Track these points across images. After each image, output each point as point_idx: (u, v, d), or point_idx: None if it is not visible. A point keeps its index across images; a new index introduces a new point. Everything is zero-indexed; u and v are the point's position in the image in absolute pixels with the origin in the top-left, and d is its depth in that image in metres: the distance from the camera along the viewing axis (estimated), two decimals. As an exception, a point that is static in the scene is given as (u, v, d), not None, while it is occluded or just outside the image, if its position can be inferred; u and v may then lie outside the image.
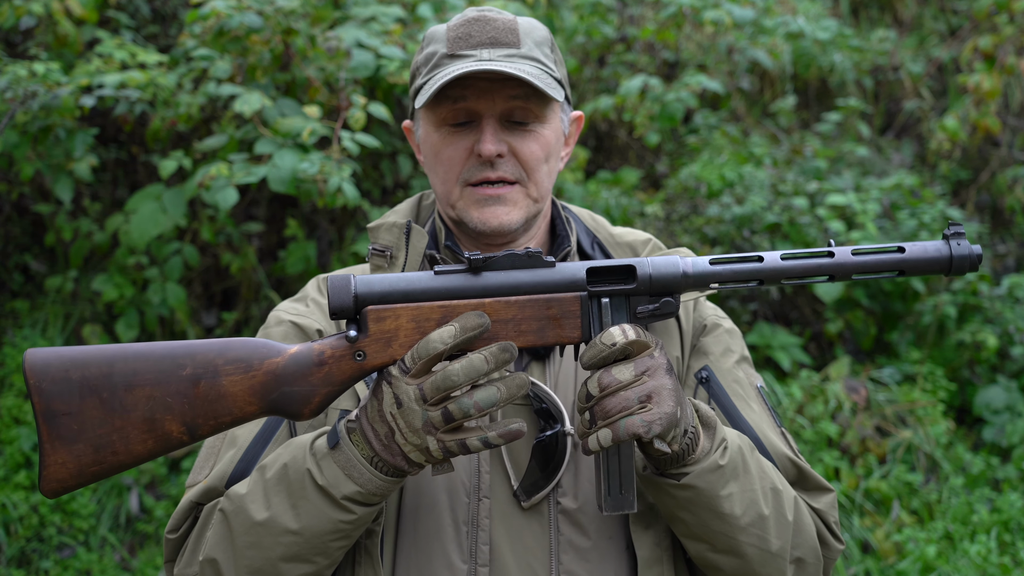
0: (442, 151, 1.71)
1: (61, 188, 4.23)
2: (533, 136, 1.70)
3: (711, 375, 1.73)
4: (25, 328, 4.59)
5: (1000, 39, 5.42)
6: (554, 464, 1.63)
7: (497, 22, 1.70)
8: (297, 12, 4.07)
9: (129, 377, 1.48)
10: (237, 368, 1.49)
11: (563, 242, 1.79)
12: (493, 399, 1.42)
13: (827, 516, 1.68)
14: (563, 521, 1.64)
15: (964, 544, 4.25)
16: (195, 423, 1.48)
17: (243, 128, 4.14)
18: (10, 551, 4.16)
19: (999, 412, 4.81)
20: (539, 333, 1.49)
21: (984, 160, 6.09)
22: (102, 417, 1.47)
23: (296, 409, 1.50)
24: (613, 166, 5.83)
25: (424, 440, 1.44)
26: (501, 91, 1.66)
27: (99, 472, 1.48)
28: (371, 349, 1.48)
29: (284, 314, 1.76)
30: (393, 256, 1.72)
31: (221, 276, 4.82)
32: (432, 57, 1.71)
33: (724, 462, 1.53)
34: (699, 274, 1.51)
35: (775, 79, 6.26)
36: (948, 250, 1.53)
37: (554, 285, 1.50)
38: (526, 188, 1.71)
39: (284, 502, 1.51)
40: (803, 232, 4.92)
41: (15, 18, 4.27)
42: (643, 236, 1.84)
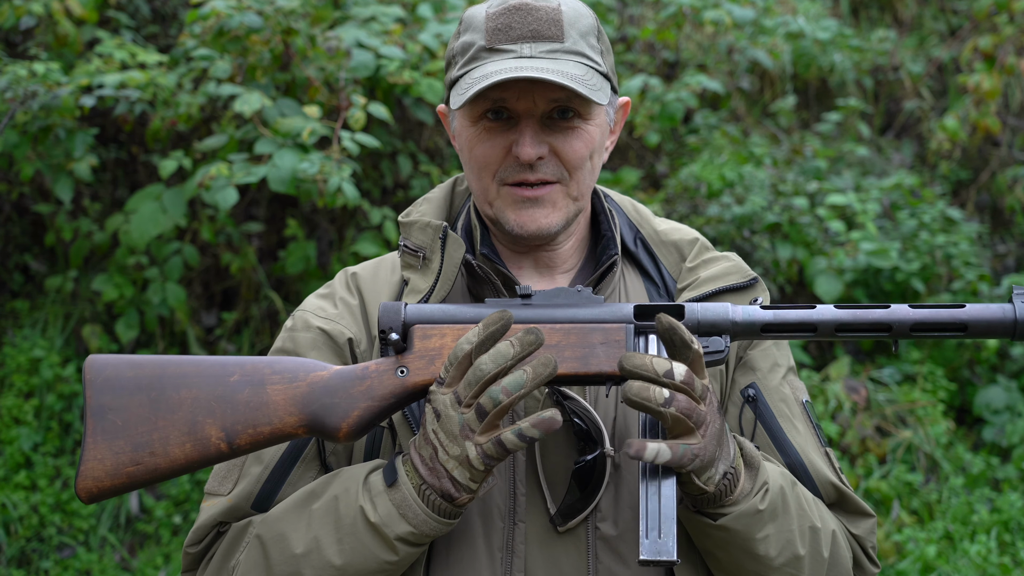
0: (477, 148, 1.60)
1: (61, 188, 4.23)
2: (576, 134, 1.59)
3: (759, 394, 1.66)
4: (25, 328, 4.59)
5: (1000, 39, 5.42)
6: (592, 486, 1.56)
7: (540, 11, 1.57)
8: (297, 12, 4.07)
9: (178, 379, 1.49)
10: (283, 378, 1.49)
11: (608, 246, 1.68)
12: (520, 381, 1.38)
13: (865, 542, 1.65)
14: (601, 547, 1.57)
15: (964, 544, 4.25)
16: (234, 429, 1.47)
17: (243, 128, 4.14)
18: (10, 551, 4.16)
19: (999, 412, 4.81)
20: (583, 360, 1.45)
21: (984, 160, 6.09)
22: (147, 415, 1.48)
23: (335, 423, 1.47)
24: (613, 166, 5.83)
25: (463, 448, 1.40)
26: (542, 92, 1.55)
27: (135, 474, 1.47)
28: (414, 365, 1.47)
29: (312, 317, 1.67)
30: (427, 259, 1.63)
31: (221, 276, 4.82)
32: (469, 48, 1.59)
33: (763, 506, 1.49)
34: (748, 322, 1.48)
35: (775, 79, 6.26)
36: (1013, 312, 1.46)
37: (601, 320, 1.47)
38: (567, 187, 1.60)
39: (330, 536, 1.47)
40: (803, 232, 4.93)
41: (15, 18, 4.27)
42: (690, 235, 1.75)
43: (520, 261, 1.69)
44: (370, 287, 1.69)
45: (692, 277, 1.68)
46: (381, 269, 1.72)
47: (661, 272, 1.71)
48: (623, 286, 1.70)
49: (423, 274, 1.62)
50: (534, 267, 1.69)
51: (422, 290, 1.61)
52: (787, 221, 4.94)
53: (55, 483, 4.33)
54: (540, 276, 1.69)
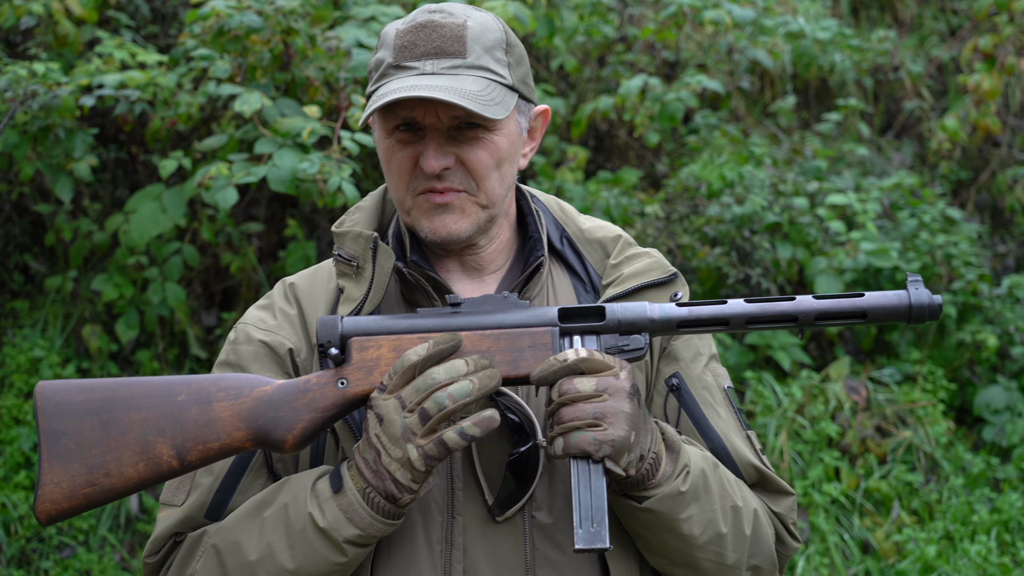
0: (391, 159, 1.67)
1: (61, 188, 4.23)
2: (482, 144, 1.64)
3: (682, 383, 1.74)
4: (25, 328, 4.59)
5: (1000, 39, 5.42)
6: (527, 477, 1.63)
7: (444, 28, 1.63)
8: (297, 12, 4.06)
9: (127, 401, 1.56)
10: (228, 395, 1.57)
11: (536, 247, 1.75)
12: (466, 390, 1.47)
13: (786, 518, 1.73)
14: (538, 535, 1.64)
15: (964, 544, 4.25)
16: (184, 447, 1.55)
17: (243, 128, 4.14)
18: (10, 551, 4.16)
19: (999, 412, 4.81)
20: (512, 364, 1.54)
21: (984, 160, 6.09)
22: (99, 438, 1.55)
23: (280, 435, 1.55)
24: (613, 166, 5.83)
25: (405, 450, 1.48)
26: (445, 107, 1.61)
27: (91, 495, 1.54)
28: (354, 376, 1.55)
29: (254, 330, 1.73)
30: (360, 267, 1.70)
31: (221, 276, 4.82)
32: (380, 65, 1.67)
33: (685, 488, 1.58)
34: (665, 319, 1.57)
35: (775, 79, 6.26)
36: (908, 298, 1.56)
37: (528, 324, 1.56)
38: (475, 196, 1.66)
39: (282, 541, 1.55)
40: (803, 232, 4.92)
41: (15, 18, 4.27)
42: (613, 233, 1.82)
43: (448, 264, 1.76)
44: (308, 296, 1.76)
45: (616, 274, 1.75)
46: (317, 278, 1.79)
47: (587, 269, 1.79)
48: (551, 284, 1.77)
49: (357, 282, 1.69)
50: (461, 269, 1.76)
51: (356, 298, 1.68)
52: (787, 221, 4.94)
53: (55, 483, 4.33)
54: (469, 278, 1.76)
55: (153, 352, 4.59)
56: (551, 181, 5.28)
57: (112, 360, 4.61)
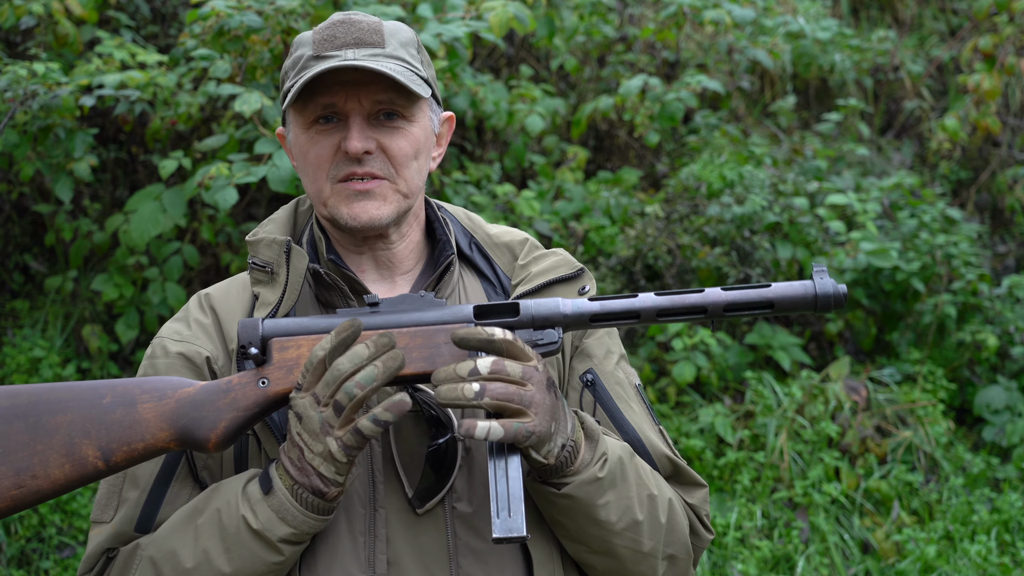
0: (310, 151, 1.70)
1: (61, 188, 4.23)
2: (401, 133, 1.69)
3: (596, 378, 1.78)
4: (25, 328, 4.59)
5: (1000, 39, 5.42)
6: (446, 469, 1.67)
7: (362, 24, 1.69)
8: (297, 12, 4.06)
9: (53, 405, 1.58)
10: (152, 397, 1.59)
11: (444, 248, 1.79)
12: (372, 375, 1.49)
13: (699, 510, 1.78)
14: (459, 525, 1.67)
15: (964, 544, 4.25)
16: (109, 448, 1.57)
17: (243, 128, 4.14)
18: (10, 551, 4.16)
19: (999, 412, 4.81)
20: (429, 360, 1.56)
21: (984, 160, 6.09)
22: (25, 441, 1.57)
23: (203, 435, 1.57)
24: (613, 166, 5.83)
25: (325, 444, 1.51)
26: (367, 90, 1.66)
27: (18, 496, 1.56)
28: (274, 376, 1.58)
29: (170, 343, 1.74)
30: (274, 273, 1.72)
31: (221, 276, 4.82)
32: (299, 61, 1.70)
33: (603, 475, 1.62)
34: (577, 313, 1.60)
35: (775, 79, 6.26)
36: (814, 288, 1.58)
37: (444, 321, 1.59)
38: (395, 184, 1.70)
39: (218, 546, 1.57)
40: (803, 232, 4.92)
41: (15, 18, 4.27)
42: (520, 236, 1.86)
43: (361, 263, 1.78)
44: (223, 305, 1.78)
45: (524, 273, 1.79)
46: (232, 288, 1.81)
47: (496, 272, 1.83)
48: (462, 287, 1.81)
49: (271, 287, 1.72)
50: (375, 267, 1.79)
51: (271, 302, 1.71)
52: (787, 221, 4.94)
53: (55, 483, 4.34)
54: (381, 277, 1.79)
55: (153, 352, 4.59)
56: (551, 181, 5.28)
57: (112, 360, 4.61)
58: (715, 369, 4.66)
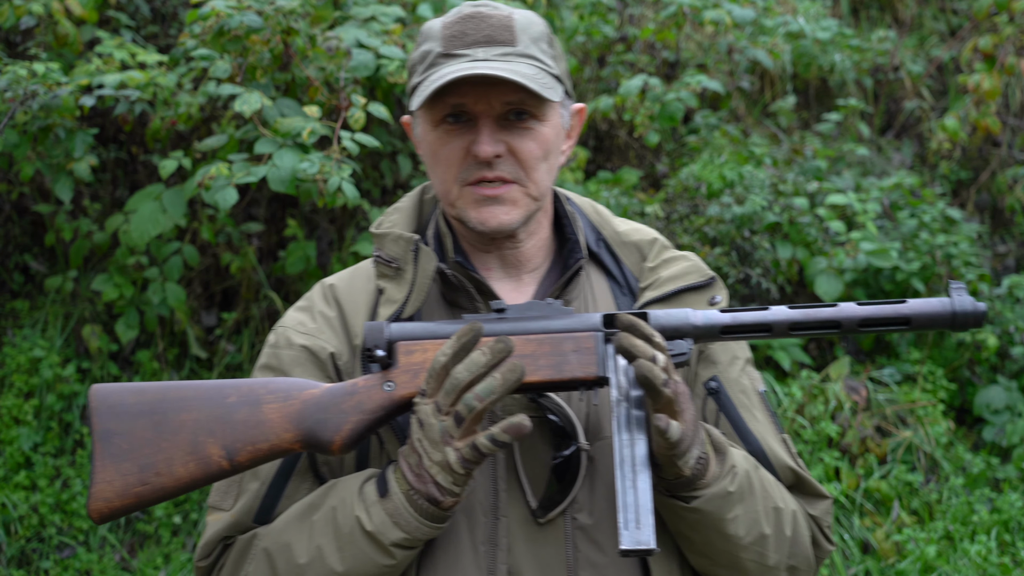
0: (439, 151, 1.67)
1: (61, 188, 4.23)
2: (531, 134, 1.66)
3: (720, 386, 1.74)
4: (25, 328, 4.59)
5: (1000, 39, 5.42)
6: (569, 479, 1.64)
7: (492, 19, 1.65)
8: (297, 12, 4.06)
9: (179, 403, 1.59)
10: (277, 397, 1.59)
11: (574, 250, 1.76)
12: (491, 387, 1.47)
13: (821, 521, 1.75)
14: (580, 537, 1.65)
15: (964, 544, 4.25)
16: (234, 447, 1.57)
17: (243, 128, 4.14)
18: (10, 551, 4.16)
19: (999, 412, 4.81)
20: (556, 368, 1.54)
21: (984, 160, 6.09)
22: (151, 438, 1.57)
23: (328, 437, 1.56)
24: (613, 166, 5.82)
25: (444, 454, 1.50)
26: (497, 92, 1.63)
27: (143, 494, 1.56)
28: (400, 379, 1.56)
29: (294, 334, 1.74)
30: (401, 269, 1.71)
31: (221, 276, 4.82)
32: (427, 56, 1.67)
33: (733, 488, 1.59)
34: (708, 325, 1.58)
35: (775, 79, 6.26)
36: (951, 305, 1.58)
37: (571, 329, 1.57)
38: (525, 187, 1.67)
39: (331, 544, 1.57)
40: (803, 232, 4.92)
41: (15, 18, 4.27)
42: (649, 235, 1.82)
43: (488, 261, 1.76)
44: (347, 298, 1.76)
45: (653, 277, 1.75)
46: (356, 279, 1.79)
47: (623, 272, 1.79)
48: (589, 287, 1.77)
49: (397, 284, 1.70)
50: (501, 266, 1.77)
51: (397, 300, 1.69)
52: (787, 221, 4.94)
53: (55, 483, 4.34)
54: (507, 275, 1.77)
55: (153, 352, 4.59)
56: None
57: (112, 360, 4.61)
58: (715, 369, 4.65)
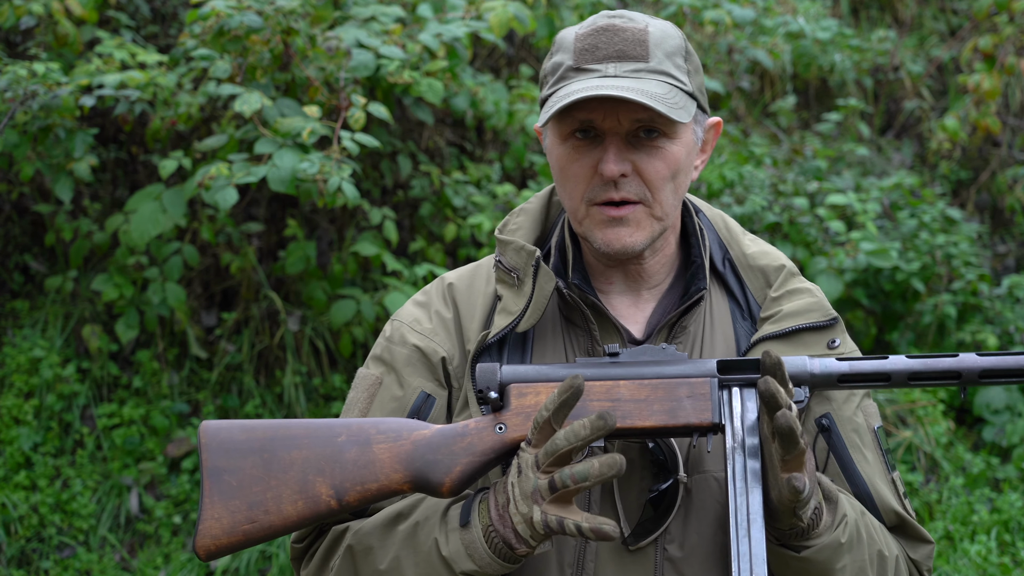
0: (567, 167, 1.66)
1: (61, 188, 4.23)
2: (659, 154, 1.64)
3: (832, 424, 1.70)
4: (25, 328, 4.59)
5: (1000, 39, 5.42)
6: (664, 509, 1.64)
7: (626, 32, 1.63)
8: (297, 12, 4.06)
9: (288, 441, 1.58)
10: (387, 437, 1.59)
11: (698, 274, 1.73)
12: (586, 473, 1.46)
13: (922, 565, 1.73)
14: (668, 568, 1.64)
15: (964, 544, 4.25)
16: (343, 487, 1.56)
17: (243, 128, 4.13)
18: (10, 551, 4.16)
19: (999, 412, 4.81)
20: (671, 413, 1.54)
21: (984, 160, 6.09)
22: (260, 476, 1.57)
23: (438, 478, 1.56)
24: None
25: (530, 509, 1.49)
26: (626, 110, 1.60)
27: (250, 531, 1.56)
28: (512, 422, 1.56)
29: (409, 332, 1.75)
30: (520, 280, 1.69)
31: (221, 276, 4.82)
32: (558, 68, 1.65)
33: (844, 539, 1.57)
34: (825, 374, 1.56)
35: (775, 79, 6.26)
36: None
37: (686, 375, 1.56)
38: (650, 208, 1.65)
39: (409, 558, 1.58)
40: (803, 232, 4.92)
41: (15, 18, 4.27)
42: (777, 261, 1.79)
43: (610, 275, 1.75)
44: (465, 299, 1.77)
45: (775, 308, 1.73)
46: (476, 279, 1.79)
47: (747, 296, 1.77)
48: (709, 307, 1.75)
49: (516, 295, 1.70)
50: (623, 280, 1.75)
51: (514, 312, 1.68)
52: (787, 221, 4.94)
53: (55, 483, 4.34)
54: (628, 289, 1.75)
55: (153, 352, 4.59)
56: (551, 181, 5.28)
57: (112, 360, 4.61)
58: (715, 369, 4.66)
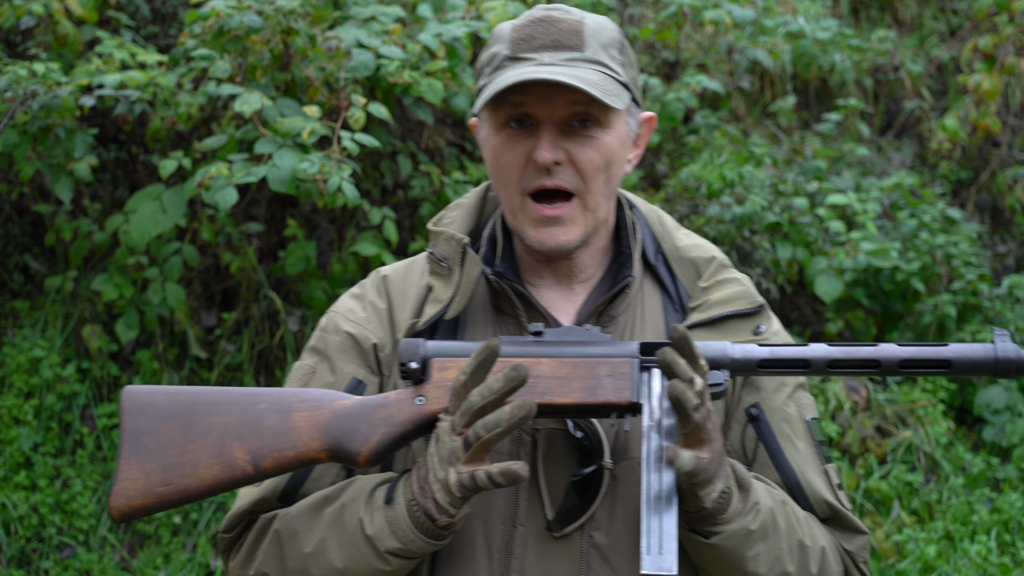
0: (501, 156, 1.67)
1: (61, 188, 4.23)
2: (593, 143, 1.65)
3: (761, 413, 1.72)
4: (25, 328, 4.59)
5: (1000, 39, 5.42)
6: (590, 495, 1.64)
7: (562, 23, 1.65)
8: (297, 12, 4.06)
9: (209, 407, 1.60)
10: (308, 406, 1.60)
11: (625, 264, 1.75)
12: (498, 420, 1.48)
13: (856, 557, 1.72)
14: (594, 555, 1.65)
15: (964, 544, 4.25)
16: (260, 453, 1.58)
17: (243, 128, 4.14)
18: (10, 551, 4.16)
19: (999, 412, 4.81)
20: (590, 391, 1.55)
21: (984, 160, 6.09)
22: (178, 439, 1.58)
23: (355, 447, 1.57)
24: (613, 166, 5.82)
25: (447, 473, 1.50)
26: (561, 97, 1.61)
27: (165, 494, 1.56)
28: (432, 395, 1.57)
29: (343, 320, 1.76)
30: (450, 270, 1.72)
31: (221, 276, 4.82)
32: (494, 58, 1.67)
33: (755, 527, 1.57)
34: (746, 360, 1.58)
35: (775, 79, 6.26)
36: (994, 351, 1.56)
37: (607, 355, 1.57)
38: (583, 200, 1.66)
39: (334, 540, 1.59)
40: (803, 232, 4.92)
41: (15, 18, 4.27)
42: (708, 253, 1.80)
43: (540, 270, 1.76)
44: (399, 290, 1.78)
45: (703, 298, 1.75)
46: (411, 272, 1.80)
47: (678, 288, 1.78)
48: (640, 299, 1.76)
49: (446, 284, 1.72)
50: (553, 276, 1.76)
51: (443, 300, 1.71)
52: (787, 221, 4.94)
53: (55, 483, 4.34)
54: (559, 284, 1.76)
55: (153, 352, 4.59)
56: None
57: (112, 360, 4.61)
58: (715, 369, 4.66)
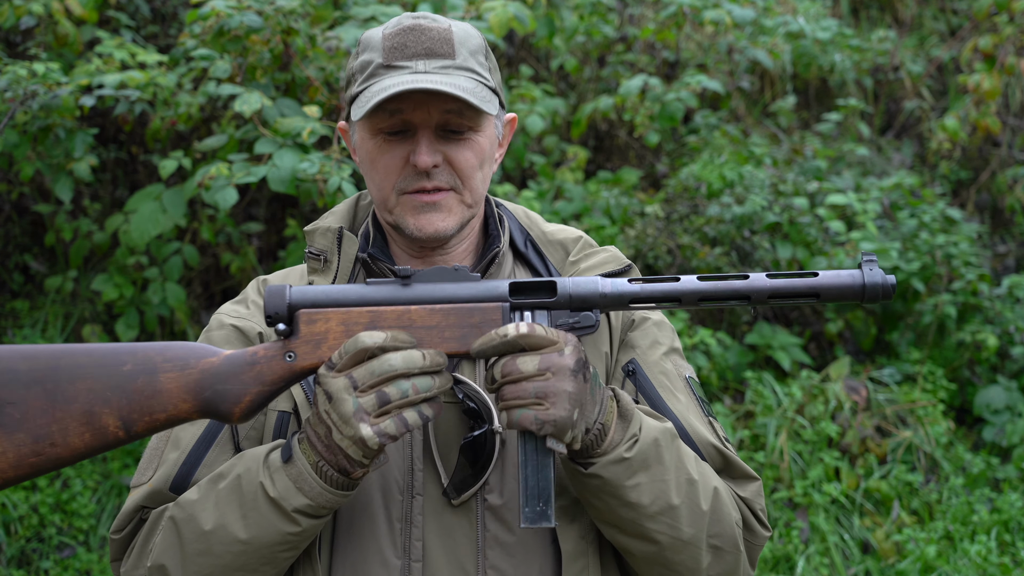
0: (378, 159, 1.72)
1: (61, 188, 4.23)
2: (468, 145, 1.71)
3: (637, 368, 1.77)
4: (25, 328, 4.59)
5: (1000, 39, 5.42)
6: (482, 462, 1.68)
7: (432, 31, 1.71)
8: (297, 12, 4.07)
9: (73, 370, 1.56)
10: (175, 366, 1.57)
11: (494, 242, 1.82)
12: (429, 384, 1.51)
13: (753, 504, 1.74)
14: (489, 517, 1.69)
15: (964, 544, 4.25)
16: (131, 418, 1.55)
17: (243, 128, 4.14)
18: (10, 551, 4.16)
19: (999, 412, 4.81)
20: (462, 340, 1.56)
21: (984, 160, 6.09)
22: (44, 407, 1.54)
23: (227, 408, 1.56)
24: (613, 166, 5.83)
25: (357, 429, 1.50)
26: (436, 104, 1.68)
27: (37, 464, 1.54)
28: (301, 350, 1.56)
29: (226, 317, 1.80)
30: (327, 260, 1.77)
31: (221, 276, 4.82)
32: (367, 66, 1.72)
33: (630, 455, 1.59)
34: (617, 294, 1.59)
35: (775, 79, 6.26)
36: (862, 278, 1.55)
37: (478, 298, 1.58)
38: (461, 195, 1.73)
39: (235, 512, 1.58)
40: (803, 232, 4.92)
41: (15, 18, 4.27)
42: (574, 234, 1.88)
43: (414, 264, 1.81)
44: None
45: (574, 270, 1.81)
46: (290, 277, 1.86)
47: (548, 269, 1.84)
48: None
49: (324, 274, 1.77)
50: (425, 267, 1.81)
51: None
52: (787, 221, 4.94)
53: (55, 483, 4.34)
54: None
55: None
56: (551, 181, 5.28)
57: (112, 360, 4.61)
58: (715, 369, 4.66)
